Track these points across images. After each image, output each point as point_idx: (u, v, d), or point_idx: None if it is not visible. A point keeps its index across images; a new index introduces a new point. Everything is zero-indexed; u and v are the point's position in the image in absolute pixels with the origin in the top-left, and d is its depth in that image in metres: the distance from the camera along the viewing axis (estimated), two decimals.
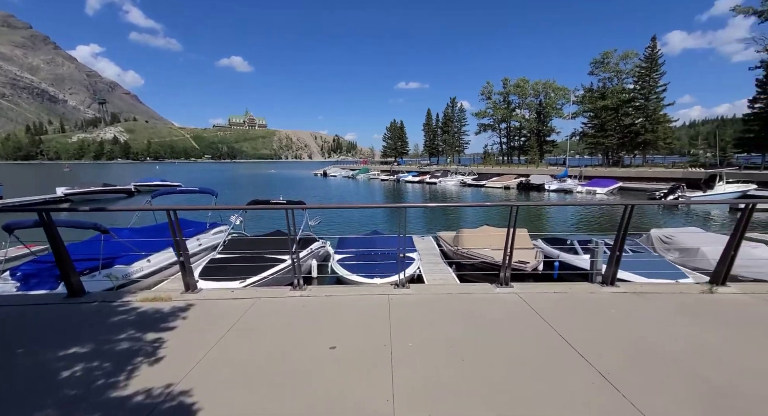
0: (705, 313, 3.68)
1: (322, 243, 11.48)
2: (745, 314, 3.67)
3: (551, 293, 4.28)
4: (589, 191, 33.37)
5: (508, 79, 62.69)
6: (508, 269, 4.42)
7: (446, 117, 78.90)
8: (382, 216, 21.75)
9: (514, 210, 4.25)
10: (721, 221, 20.66)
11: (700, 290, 4.25)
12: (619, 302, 3.99)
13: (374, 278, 7.34)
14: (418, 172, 58.82)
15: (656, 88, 43.77)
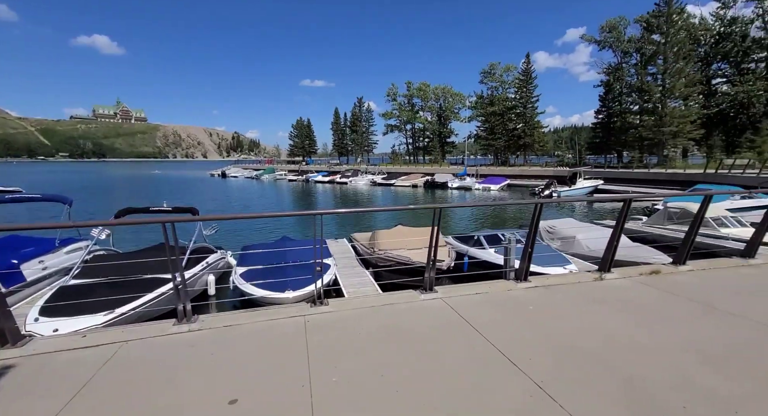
0: (602, 300, 4.01)
1: (221, 255, 10.03)
2: (629, 297, 4.11)
3: (473, 295, 4.22)
4: (485, 188, 37.15)
5: (411, 82, 66.14)
6: (432, 271, 4.21)
7: (354, 117, 79.45)
8: (292, 220, 20.47)
9: (437, 212, 4.06)
10: (581, 211, 24.98)
11: (592, 278, 4.68)
12: (534, 297, 4.12)
13: (286, 292, 6.55)
14: (328, 172, 57.86)
15: (531, 99, 51.20)
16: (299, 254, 8.80)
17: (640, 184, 30.64)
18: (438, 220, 4.04)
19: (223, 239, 15.17)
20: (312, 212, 3.99)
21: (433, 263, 4.20)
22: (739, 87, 36.95)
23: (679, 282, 4.50)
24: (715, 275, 4.76)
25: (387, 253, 9.01)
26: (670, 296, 4.05)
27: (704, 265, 5.06)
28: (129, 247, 10.86)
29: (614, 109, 43.55)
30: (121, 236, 11.34)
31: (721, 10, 39.14)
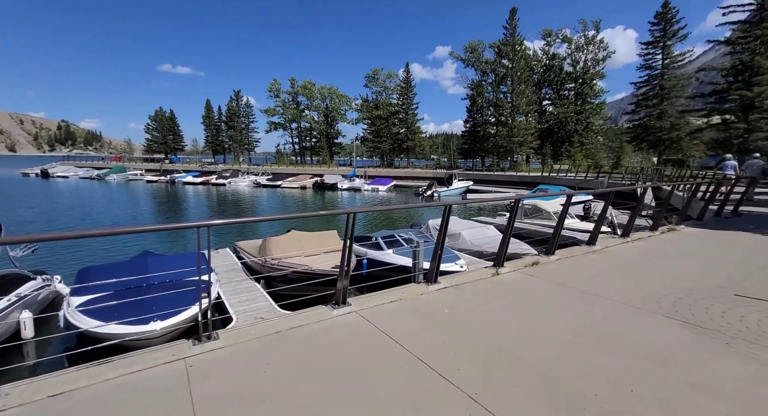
0: (504, 294, 4.28)
1: (41, 282, 7.53)
2: (523, 289, 4.52)
3: (388, 304, 3.99)
4: (374, 189, 38.42)
5: (294, 79, 63.74)
6: (345, 279, 3.80)
7: (231, 111, 71.56)
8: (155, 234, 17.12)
9: (351, 217, 3.66)
10: (456, 207, 28.14)
11: (490, 273, 5.02)
12: (447, 299, 4.14)
13: (152, 324, 5.17)
14: (200, 171, 51.03)
15: (412, 106, 55.47)
16: (166, 269, 7.21)
17: (500, 184, 36.35)
18: (353, 224, 3.66)
19: (51, 260, 11.49)
20: (195, 224, 3.13)
21: (347, 272, 3.80)
22: (560, 109, 47.57)
23: (554, 271, 5.19)
24: (575, 262, 5.68)
25: (282, 262, 8.17)
26: (551, 285, 4.61)
27: (565, 254, 6.01)
28: None
29: (478, 119, 50.74)
30: None
31: (546, 46, 49.74)
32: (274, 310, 6.99)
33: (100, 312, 5.45)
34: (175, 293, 6.01)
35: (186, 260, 7.83)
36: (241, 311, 6.93)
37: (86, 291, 6.22)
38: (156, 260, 7.46)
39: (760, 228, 8.11)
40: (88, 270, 7.44)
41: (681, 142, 31.06)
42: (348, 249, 3.72)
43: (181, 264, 7.60)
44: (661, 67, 33.01)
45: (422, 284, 4.56)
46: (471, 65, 51.84)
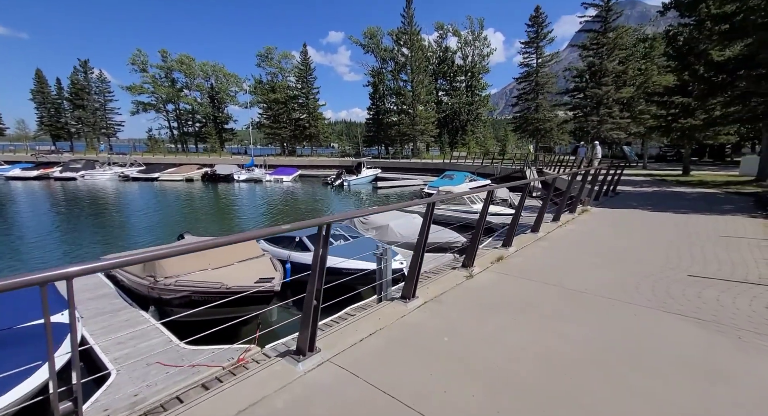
0: (490, 303, 3.63)
1: None
2: (504, 292, 3.96)
3: (368, 338, 2.91)
4: (277, 179, 35.32)
5: (166, 51, 53.82)
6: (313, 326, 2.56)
7: (76, 86, 56.31)
8: None
9: (324, 227, 2.42)
10: (368, 196, 27.83)
11: (463, 276, 4.34)
12: (434, 319, 3.26)
13: None
14: (34, 163, 39.58)
15: (312, 90, 52.59)
16: None
17: (406, 171, 37.31)
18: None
19: None
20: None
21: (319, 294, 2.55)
22: (453, 100, 51.17)
23: (522, 266, 4.81)
24: (534, 253, 5.46)
25: (180, 281, 6.18)
26: (532, 284, 4.16)
27: (518, 243, 5.76)
28: None
29: (381, 107, 51.08)
30: None
31: (439, 38, 52.57)
32: (176, 349, 5.17)
33: None
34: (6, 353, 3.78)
35: (13, 295, 5.24)
36: (123, 358, 4.91)
37: None
38: None
39: (642, 205, 9.52)
40: None
41: (552, 132, 36.67)
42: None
43: (10, 301, 5.05)
44: (536, 66, 38.09)
45: (397, 302, 3.58)
46: (371, 51, 51.59)
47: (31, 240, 13.58)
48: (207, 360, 4.83)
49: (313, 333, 2.57)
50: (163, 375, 4.53)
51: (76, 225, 16.57)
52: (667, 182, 15.50)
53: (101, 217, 18.55)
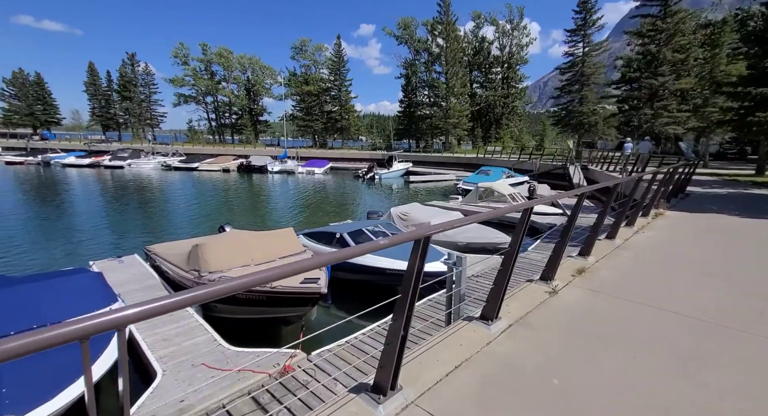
0: (588, 330, 3.03)
1: None
2: (598, 314, 3.34)
3: (454, 372, 2.41)
4: (309, 171, 35.52)
5: (206, 45, 55.27)
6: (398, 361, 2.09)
7: (124, 78, 59.08)
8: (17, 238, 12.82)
9: (422, 241, 1.94)
10: (399, 190, 27.28)
11: (545, 292, 3.74)
12: (527, 349, 2.71)
13: None
14: (87, 151, 41.95)
15: (345, 82, 52.34)
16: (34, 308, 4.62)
17: (438, 166, 36.39)
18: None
19: None
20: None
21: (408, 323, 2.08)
22: (488, 92, 49.22)
23: (609, 281, 4.13)
24: (617, 264, 4.74)
25: (225, 277, 5.95)
26: (629, 305, 3.50)
27: (597, 252, 5.04)
28: None
29: (413, 100, 50.07)
30: None
31: (475, 28, 50.53)
32: (221, 349, 4.93)
33: None
34: (47, 357, 3.62)
35: (64, 285, 5.20)
36: (168, 356, 4.73)
37: None
38: (13, 291, 4.72)
39: (723, 209, 8.37)
40: None
41: (597, 126, 34.32)
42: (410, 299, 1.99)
43: (56, 292, 5.00)
44: (582, 55, 35.69)
45: (476, 323, 3.06)
46: (404, 43, 50.48)
47: (82, 226, 14.18)
48: (252, 365, 4.54)
49: (397, 370, 2.10)
50: (209, 378, 4.29)
51: (123, 213, 17.21)
52: (740, 183, 13.86)
53: (145, 205, 19.23)
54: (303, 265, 1.39)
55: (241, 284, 1.20)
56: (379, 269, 7.30)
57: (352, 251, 1.61)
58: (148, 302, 1.03)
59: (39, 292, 4.82)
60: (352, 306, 7.56)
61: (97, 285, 5.27)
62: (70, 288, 5.06)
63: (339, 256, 1.53)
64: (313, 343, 5.84)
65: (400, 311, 2.02)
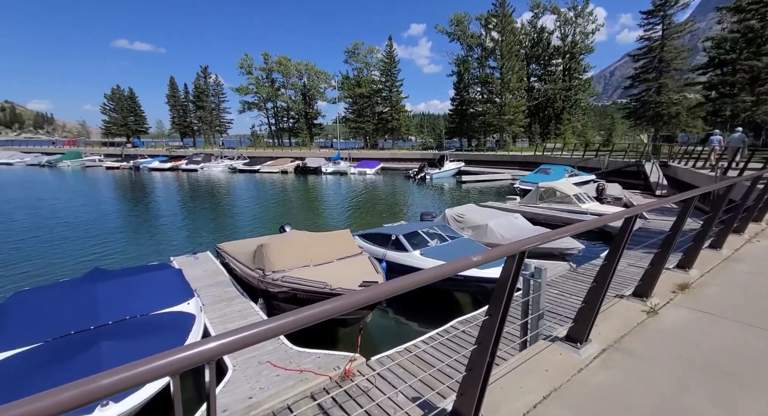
0: (703, 362, 2.51)
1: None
2: (712, 342, 2.78)
3: (542, 403, 2.12)
4: (361, 172, 36.13)
5: (268, 54, 58.90)
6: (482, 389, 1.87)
7: (198, 90, 65.66)
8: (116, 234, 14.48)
9: (517, 256, 1.71)
10: (452, 190, 26.55)
11: (642, 311, 3.24)
12: (632, 385, 2.31)
13: (96, 411, 3.10)
14: (168, 156, 46.74)
15: (396, 83, 52.50)
16: (130, 299, 5.07)
17: (492, 165, 34.93)
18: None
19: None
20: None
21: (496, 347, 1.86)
22: (548, 86, 46.15)
23: (722, 300, 3.48)
24: (728, 280, 4.00)
25: (286, 277, 6.12)
26: (751, 331, 2.88)
27: (701, 265, 4.30)
28: None
29: (465, 97, 48.68)
30: None
31: (533, 18, 47.65)
32: (284, 348, 5.04)
33: (14, 387, 3.32)
34: (139, 345, 3.94)
35: (151, 279, 5.67)
36: (238, 352, 4.93)
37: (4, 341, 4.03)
38: (110, 285, 5.23)
39: None
40: (19, 298, 5.17)
41: (679, 117, 30.39)
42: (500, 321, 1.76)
43: (145, 285, 5.46)
44: (660, 38, 31.84)
45: (561, 345, 2.71)
46: (456, 39, 49.29)
47: (164, 224, 15.76)
48: (314, 366, 4.58)
49: (481, 399, 1.87)
50: (274, 377, 4.39)
51: (196, 212, 18.84)
52: None
53: (215, 205, 20.90)
54: (398, 285, 1.24)
55: (332, 308, 1.08)
56: (394, 262, 7.11)
57: (450, 268, 1.42)
58: (237, 331, 0.94)
59: (132, 285, 5.31)
60: (408, 309, 7.39)
61: (177, 281, 5.70)
62: (156, 282, 5.52)
63: (437, 273, 1.36)
64: (372, 347, 5.77)
65: (488, 334, 1.78)
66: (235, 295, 6.89)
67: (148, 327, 4.45)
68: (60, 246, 11.77)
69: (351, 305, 1.12)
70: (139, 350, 3.83)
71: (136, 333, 4.18)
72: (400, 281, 1.31)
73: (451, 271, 1.42)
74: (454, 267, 1.43)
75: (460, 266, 1.45)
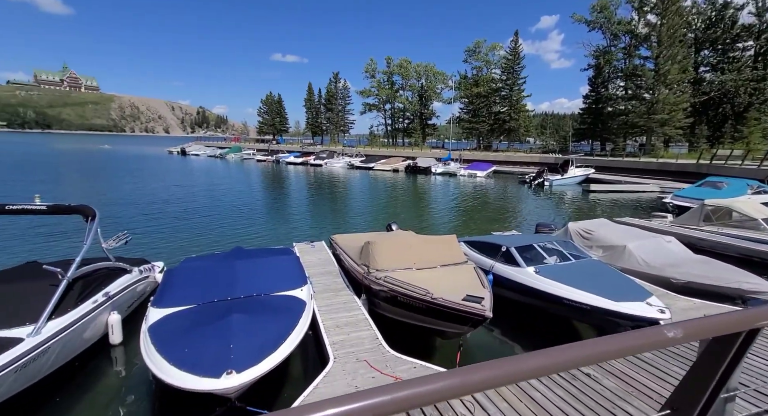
0: None
1: (140, 273, 6.87)
2: None
3: None
4: (471, 174, 34.89)
5: (391, 58, 61.96)
6: None
7: (329, 94, 73.99)
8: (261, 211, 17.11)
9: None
10: (575, 200, 23.21)
11: None
12: None
13: (224, 378, 3.58)
14: (300, 152, 53.46)
15: (518, 80, 48.86)
16: (258, 278, 5.81)
17: (631, 173, 29.43)
18: None
19: (154, 244, 11.45)
20: None
21: None
22: (728, 75, 36.24)
23: None
24: None
25: (389, 277, 6.15)
26: None
27: None
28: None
29: (603, 94, 42.16)
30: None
31: None
32: (381, 350, 5.06)
33: (170, 341, 4.12)
34: (261, 323, 4.45)
35: (276, 263, 6.41)
36: (338, 344, 5.18)
37: (169, 300, 5.09)
38: (246, 263, 6.12)
39: None
40: (186, 264, 6.56)
41: None
42: None
43: (271, 268, 6.18)
44: None
45: None
46: (598, 28, 42.89)
47: (292, 211, 18.07)
48: (409, 377, 4.46)
49: None
50: (369, 378, 4.44)
51: (317, 203, 21.08)
52: None
53: (332, 197, 23.04)
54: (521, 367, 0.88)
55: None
56: (554, 297, 6.15)
57: (620, 345, 0.98)
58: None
59: (261, 266, 6.12)
60: (516, 330, 6.71)
61: (296, 267, 6.35)
62: (279, 266, 6.25)
63: (594, 352, 0.96)
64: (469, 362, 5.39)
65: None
66: (342, 287, 7.32)
67: (267, 306, 5.02)
68: (219, 223, 14.53)
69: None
70: (258, 326, 4.32)
71: (258, 311, 4.75)
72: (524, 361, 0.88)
73: (623, 349, 0.98)
74: (626, 345, 0.97)
75: (639, 343, 0.99)
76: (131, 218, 14.37)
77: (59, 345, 4.47)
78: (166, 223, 14.04)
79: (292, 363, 5.14)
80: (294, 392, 4.46)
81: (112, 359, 5.49)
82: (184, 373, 3.60)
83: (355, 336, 5.45)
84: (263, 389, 4.29)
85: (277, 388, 4.78)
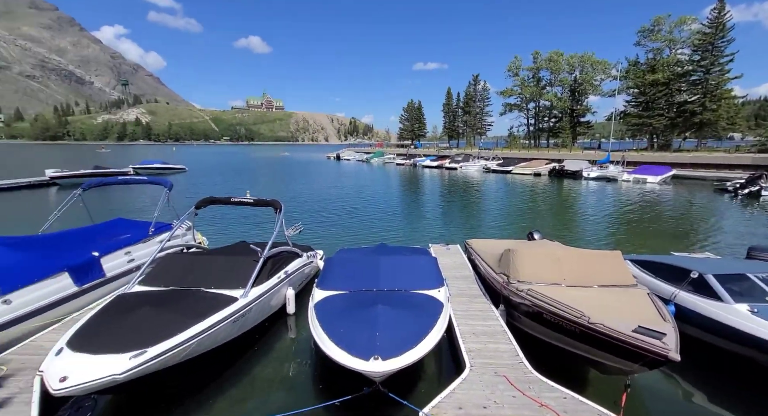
0: None
1: (307, 258, 8.17)
2: None
3: None
4: (638, 179, 28.77)
5: (539, 52, 56.62)
6: None
7: (467, 96, 72.97)
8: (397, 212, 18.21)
9: None
10: None
11: None
12: None
13: (372, 361, 3.91)
14: (436, 156, 54.44)
15: (720, 59, 37.46)
16: (398, 272, 6.15)
17: None
18: None
19: (317, 235, 13.54)
20: None
21: None
22: None
23: None
24: None
25: (533, 291, 5.60)
26: None
27: None
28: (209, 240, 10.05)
29: None
30: (202, 229, 10.66)
31: None
32: (522, 368, 4.66)
33: (330, 319, 4.79)
34: (403, 317, 4.69)
35: (415, 261, 6.66)
36: (474, 352, 5.01)
37: (330, 283, 5.94)
38: (389, 259, 6.59)
39: None
40: (341, 254, 7.55)
41: None
42: None
43: (411, 266, 6.46)
44: None
45: None
46: None
47: (427, 213, 18.59)
48: (558, 408, 3.89)
49: None
50: (509, 396, 4.12)
51: (451, 206, 21.04)
52: None
53: (466, 201, 22.58)
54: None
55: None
56: (744, 336, 4.50)
57: None
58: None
59: (402, 263, 6.49)
60: (705, 379, 5.22)
61: (433, 268, 6.46)
62: (418, 265, 6.48)
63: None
64: (638, 409, 4.44)
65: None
66: (478, 294, 7.07)
67: (408, 302, 5.25)
68: (364, 220, 16.16)
69: None
70: (401, 320, 4.56)
71: (400, 305, 5.02)
72: None
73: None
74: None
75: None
76: (301, 213, 17.38)
77: (258, 307, 5.76)
78: (324, 219, 16.41)
79: (427, 362, 5.24)
80: (430, 390, 4.54)
81: (288, 326, 6.73)
82: (339, 350, 4.10)
83: (493, 347, 5.18)
84: (402, 381, 4.51)
85: (414, 382, 4.95)
